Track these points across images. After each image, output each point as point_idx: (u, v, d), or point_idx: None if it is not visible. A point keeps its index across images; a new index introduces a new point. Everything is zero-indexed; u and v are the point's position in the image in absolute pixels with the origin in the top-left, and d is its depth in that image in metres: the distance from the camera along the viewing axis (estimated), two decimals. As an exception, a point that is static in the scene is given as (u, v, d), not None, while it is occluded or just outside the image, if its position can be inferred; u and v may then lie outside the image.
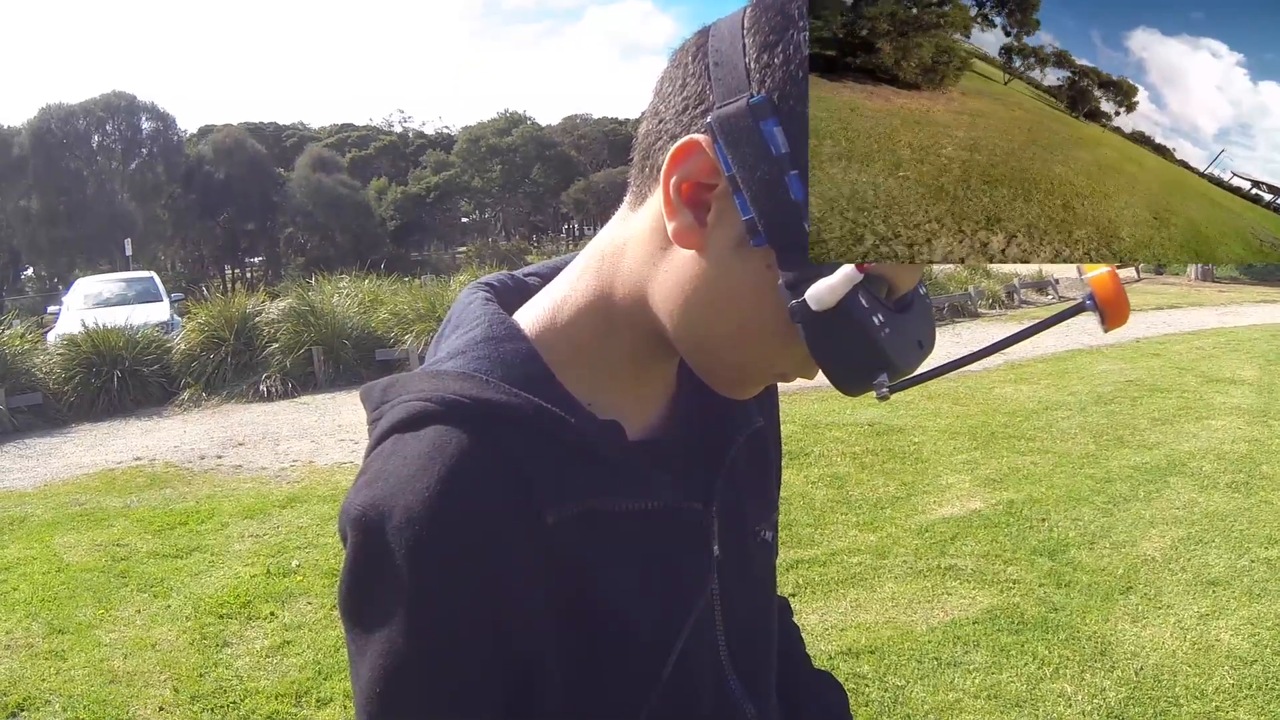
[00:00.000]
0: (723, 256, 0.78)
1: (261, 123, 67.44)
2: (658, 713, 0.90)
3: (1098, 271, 0.74)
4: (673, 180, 0.78)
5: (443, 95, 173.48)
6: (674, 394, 1.00)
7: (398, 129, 69.25)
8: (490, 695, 0.82)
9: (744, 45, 0.75)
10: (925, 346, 0.83)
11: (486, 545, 0.78)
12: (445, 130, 68.82)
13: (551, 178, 58.12)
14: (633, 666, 0.89)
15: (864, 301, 0.74)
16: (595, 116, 64.96)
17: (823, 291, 0.72)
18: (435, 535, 0.76)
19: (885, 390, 0.77)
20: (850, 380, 0.78)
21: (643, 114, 0.86)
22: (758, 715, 1.02)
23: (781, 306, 0.75)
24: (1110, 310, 0.74)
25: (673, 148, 0.78)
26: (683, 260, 0.81)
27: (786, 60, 0.72)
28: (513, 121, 59.97)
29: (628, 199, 0.89)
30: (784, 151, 0.72)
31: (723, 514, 0.98)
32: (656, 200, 0.82)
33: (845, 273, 0.71)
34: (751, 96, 0.73)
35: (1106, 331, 0.77)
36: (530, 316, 0.93)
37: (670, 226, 0.79)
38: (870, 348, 0.75)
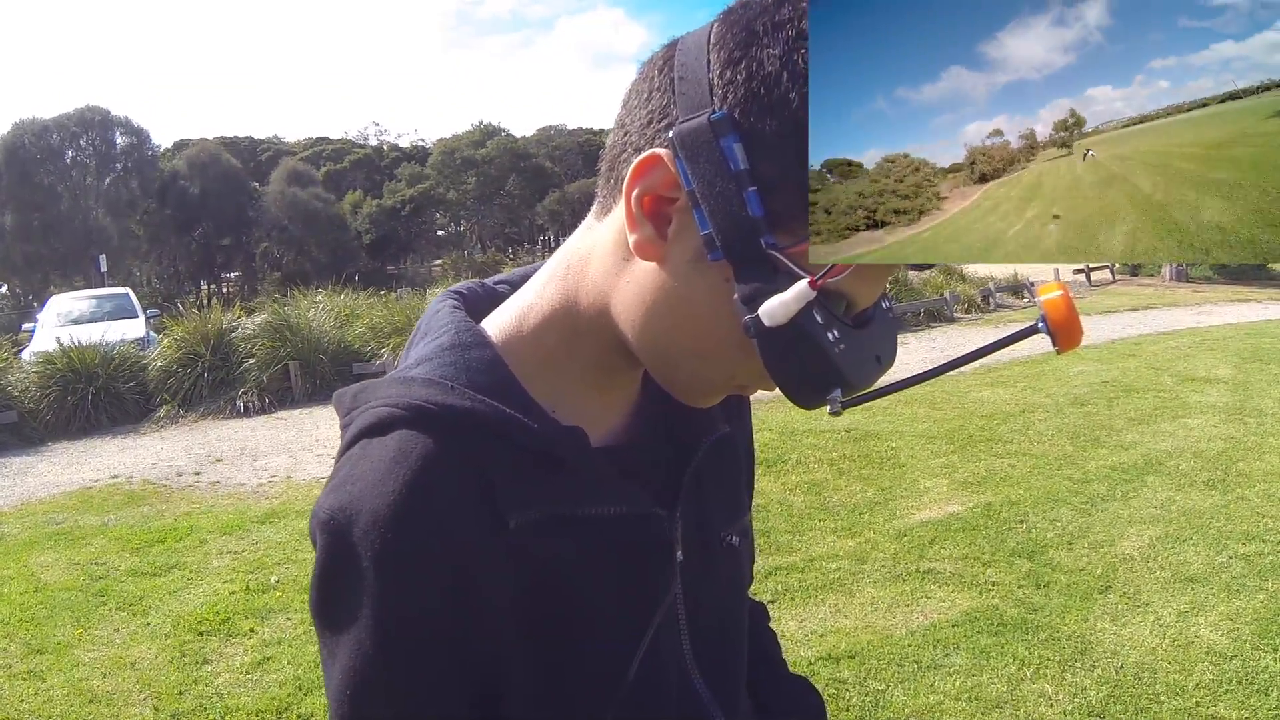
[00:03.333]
0: (682, 269, 0.79)
1: (236, 137, 67.43)
2: (623, 717, 0.91)
3: (1051, 295, 0.74)
4: (634, 193, 0.79)
5: (418, 108, 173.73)
6: (639, 401, 1.01)
7: (373, 142, 69.34)
8: (456, 697, 0.84)
9: (709, 60, 0.75)
10: (884, 362, 0.83)
11: (450, 548, 0.80)
12: (420, 143, 68.94)
13: (526, 189, 58.17)
14: (596, 670, 0.90)
15: (819, 318, 0.74)
16: (570, 127, 65.15)
17: (775, 307, 0.73)
18: (400, 538, 0.78)
19: (839, 406, 0.78)
20: (804, 395, 0.79)
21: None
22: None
23: (738, 320, 0.76)
24: (1062, 333, 0.74)
25: (636, 160, 0.79)
26: (644, 272, 0.82)
27: (749, 77, 0.73)
28: (487, 133, 60.00)
29: (594, 209, 0.90)
30: (743, 168, 0.73)
31: (687, 520, 0.99)
32: (620, 212, 0.82)
33: (798, 290, 0.72)
34: (713, 112, 0.74)
35: (1059, 353, 0.77)
36: (497, 324, 0.94)
37: (632, 238, 0.80)
38: (824, 364, 0.76)
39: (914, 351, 12.71)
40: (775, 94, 0.71)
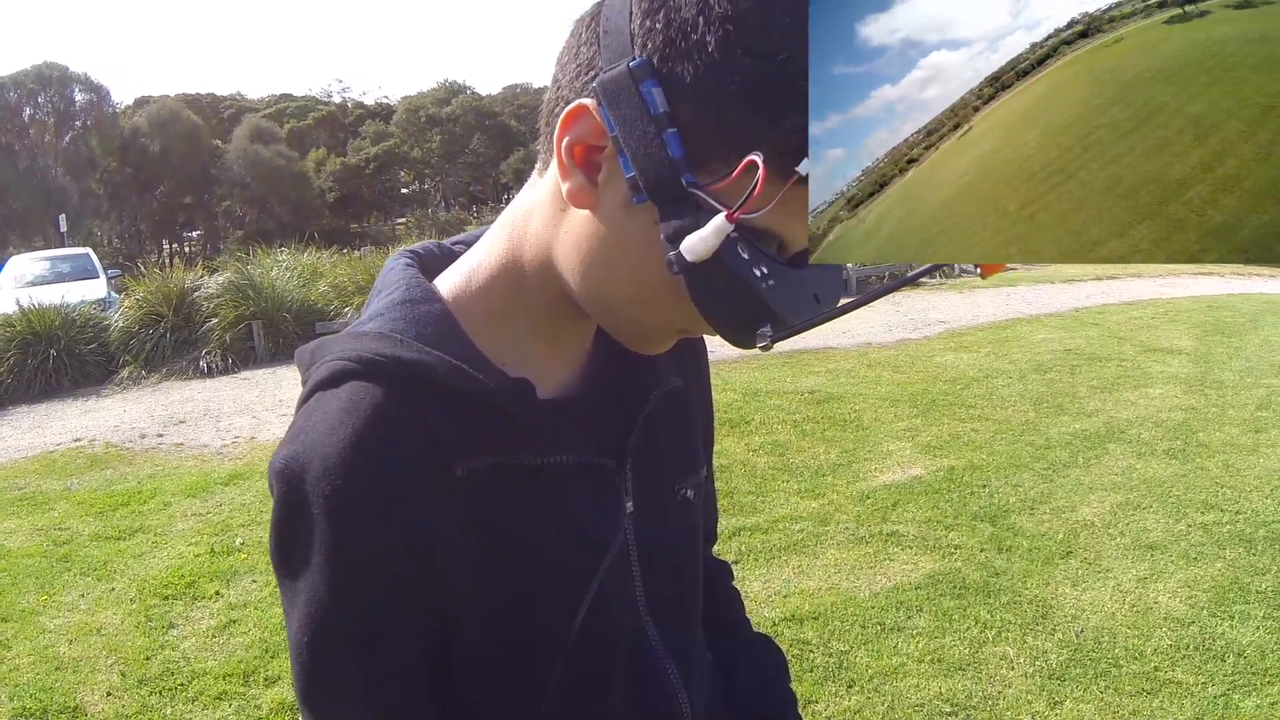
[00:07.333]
0: (613, 215, 0.82)
1: (198, 94, 66.74)
2: (574, 665, 0.95)
3: None
4: (564, 143, 0.81)
5: (382, 65, 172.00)
6: (590, 354, 1.04)
7: (336, 99, 68.51)
8: (408, 642, 0.88)
9: (631, 12, 0.78)
10: (823, 301, 0.84)
11: (398, 495, 0.84)
12: (384, 100, 68.20)
13: (491, 147, 57.81)
14: (544, 618, 0.94)
15: (744, 254, 0.75)
16: (536, 86, 64.68)
17: (695, 242, 0.74)
18: (349, 484, 0.81)
19: (767, 341, 0.79)
20: (732, 330, 0.80)
21: None
22: (678, 669, 1.06)
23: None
24: None
25: (564, 112, 0.81)
26: (579, 220, 0.85)
27: (668, 24, 0.74)
28: (452, 91, 59.58)
29: (537, 166, 0.93)
30: (662, 111, 0.74)
31: (637, 471, 1.03)
32: (556, 164, 0.85)
33: (716, 224, 0.73)
34: (632, 60, 0.76)
35: (984, 277, 0.79)
36: (448, 281, 0.98)
37: (565, 188, 0.83)
38: (749, 297, 0.76)
39: (879, 314, 12.74)
40: (692, 39, 0.73)
